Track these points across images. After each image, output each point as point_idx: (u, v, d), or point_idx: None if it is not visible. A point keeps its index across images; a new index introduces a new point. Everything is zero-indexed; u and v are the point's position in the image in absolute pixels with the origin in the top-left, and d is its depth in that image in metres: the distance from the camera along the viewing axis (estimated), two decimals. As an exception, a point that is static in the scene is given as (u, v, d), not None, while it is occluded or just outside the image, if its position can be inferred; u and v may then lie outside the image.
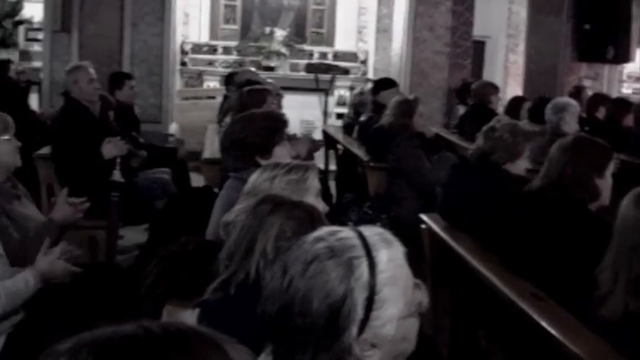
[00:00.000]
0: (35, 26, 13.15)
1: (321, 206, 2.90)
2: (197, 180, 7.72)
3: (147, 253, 4.43)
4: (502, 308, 3.47)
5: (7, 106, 4.88)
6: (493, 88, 8.81)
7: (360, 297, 1.64)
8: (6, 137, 4.05)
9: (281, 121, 4.06)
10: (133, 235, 6.13)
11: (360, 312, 1.64)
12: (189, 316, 2.48)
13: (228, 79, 8.95)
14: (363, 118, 7.97)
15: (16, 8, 13.49)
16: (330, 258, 1.66)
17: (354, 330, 1.64)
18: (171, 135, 9.67)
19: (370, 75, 12.43)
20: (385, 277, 1.67)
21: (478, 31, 11.93)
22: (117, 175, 5.63)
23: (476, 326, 4.05)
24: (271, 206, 2.53)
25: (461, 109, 9.57)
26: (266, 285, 1.81)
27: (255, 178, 3.11)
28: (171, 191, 6.31)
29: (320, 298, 1.63)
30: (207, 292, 2.54)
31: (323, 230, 1.75)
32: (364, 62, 13.12)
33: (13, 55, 12.29)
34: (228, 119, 6.11)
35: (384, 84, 7.95)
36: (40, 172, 6.05)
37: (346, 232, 1.72)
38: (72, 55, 10.03)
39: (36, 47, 12.26)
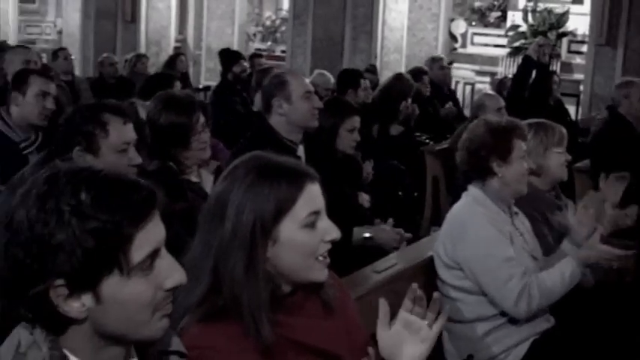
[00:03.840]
0: (579, 39, 13.23)
1: None
2: None
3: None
4: None
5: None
6: None
7: None
8: (559, 150, 4.11)
9: None
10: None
11: None
12: None
13: None
14: None
15: (562, 20, 13.67)
16: None
17: None
18: None
19: None
20: None
21: None
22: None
23: None
24: None
25: None
26: None
27: None
28: None
29: None
30: None
31: None
32: None
33: (555, 67, 12.50)
34: None
35: None
36: (577, 185, 6.08)
37: None
38: (615, 70, 9.93)
39: (578, 60, 12.31)
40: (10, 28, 18.41)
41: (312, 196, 2.07)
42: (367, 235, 4.17)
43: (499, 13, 14.60)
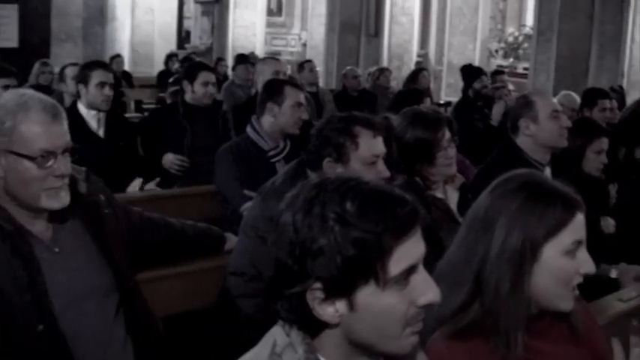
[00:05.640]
0: None
1: None
2: None
3: None
4: None
5: None
6: None
7: None
8: None
9: None
10: None
11: None
12: None
13: None
14: None
15: None
16: None
17: None
18: None
19: None
20: None
21: None
22: None
23: None
24: None
25: None
26: None
27: None
28: None
29: None
30: None
31: None
32: None
33: None
34: None
35: None
36: None
37: None
38: None
39: None
40: (258, 40, 19.23)
41: (579, 224, 2.03)
42: (613, 276, 4.05)
43: None
